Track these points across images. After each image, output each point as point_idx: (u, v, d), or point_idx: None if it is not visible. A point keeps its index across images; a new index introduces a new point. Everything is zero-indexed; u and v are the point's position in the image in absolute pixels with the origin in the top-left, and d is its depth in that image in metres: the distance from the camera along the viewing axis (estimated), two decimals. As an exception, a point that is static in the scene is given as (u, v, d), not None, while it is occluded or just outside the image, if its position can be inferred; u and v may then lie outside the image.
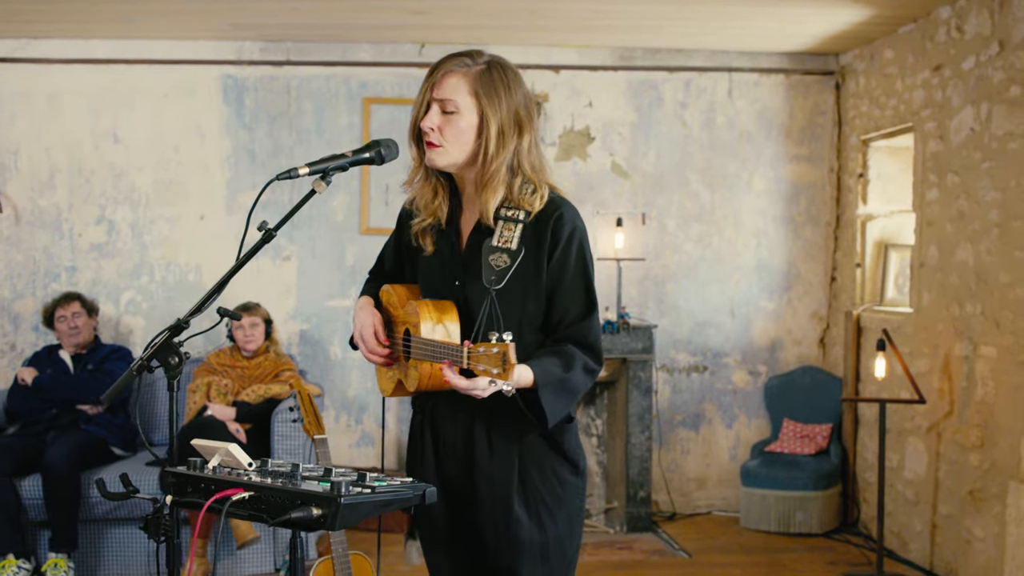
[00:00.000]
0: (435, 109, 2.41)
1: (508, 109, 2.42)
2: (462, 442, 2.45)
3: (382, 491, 2.00)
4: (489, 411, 2.39)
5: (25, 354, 6.00)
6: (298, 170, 2.30)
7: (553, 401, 2.31)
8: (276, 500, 1.97)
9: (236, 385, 5.44)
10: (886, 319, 5.83)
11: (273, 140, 6.24)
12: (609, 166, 6.43)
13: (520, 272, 2.39)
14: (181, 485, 2.15)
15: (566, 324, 2.42)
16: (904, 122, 5.71)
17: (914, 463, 5.51)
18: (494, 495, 2.41)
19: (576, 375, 2.36)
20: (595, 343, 2.43)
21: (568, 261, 2.41)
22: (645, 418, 6.05)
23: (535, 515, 2.42)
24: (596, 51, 6.38)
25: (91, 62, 6.11)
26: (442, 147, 2.41)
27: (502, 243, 2.40)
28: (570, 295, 2.42)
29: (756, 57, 6.47)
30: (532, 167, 2.46)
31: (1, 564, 4.93)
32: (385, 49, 6.27)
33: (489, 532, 2.42)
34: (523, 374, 2.25)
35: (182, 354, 2.28)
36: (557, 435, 2.46)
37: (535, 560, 2.42)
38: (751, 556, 5.62)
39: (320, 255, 6.29)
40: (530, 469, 2.43)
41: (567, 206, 2.47)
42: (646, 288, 6.46)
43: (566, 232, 2.41)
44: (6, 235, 6.12)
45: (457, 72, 2.40)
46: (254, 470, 2.14)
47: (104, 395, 2.31)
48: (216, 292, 2.30)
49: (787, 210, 6.54)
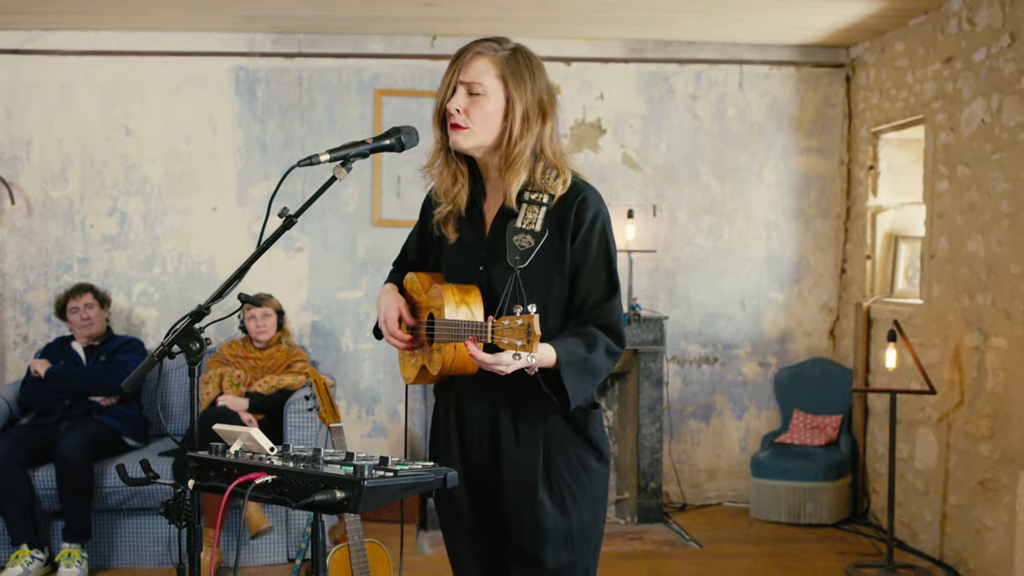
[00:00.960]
0: (461, 91, 2.42)
1: (533, 94, 2.44)
2: (488, 428, 2.46)
3: (404, 475, 2.01)
4: (514, 397, 2.41)
5: (38, 345, 6.03)
6: (319, 156, 2.32)
7: (575, 381, 2.31)
8: (299, 484, 1.99)
9: (248, 376, 5.46)
10: (896, 310, 5.83)
11: (285, 132, 6.26)
12: (620, 158, 6.44)
13: (544, 253, 2.40)
14: (204, 470, 2.16)
15: (588, 307, 2.42)
16: (915, 114, 5.71)
17: (924, 454, 5.52)
18: (519, 481, 2.42)
19: (598, 356, 2.36)
20: (616, 325, 2.43)
21: (591, 244, 2.42)
22: (656, 409, 6.06)
23: (559, 501, 2.43)
24: (607, 43, 6.39)
25: (103, 54, 6.13)
26: (468, 129, 2.42)
27: (526, 225, 2.41)
28: (592, 278, 2.43)
29: (767, 49, 6.47)
30: (554, 153, 2.48)
31: (15, 554, 4.97)
32: (397, 41, 6.28)
33: (513, 518, 2.43)
34: (546, 353, 2.26)
35: (203, 340, 2.29)
36: (582, 421, 2.47)
37: (559, 546, 2.42)
38: (761, 547, 5.63)
39: (332, 247, 6.30)
40: (555, 455, 2.44)
41: (591, 190, 2.49)
42: (657, 280, 6.48)
43: (590, 215, 2.43)
44: (19, 226, 6.15)
45: (484, 55, 2.43)
46: (276, 454, 2.15)
47: (125, 382, 2.33)
48: (237, 278, 2.32)
49: (797, 202, 6.55)
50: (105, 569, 5.17)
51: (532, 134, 2.44)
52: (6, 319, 6.17)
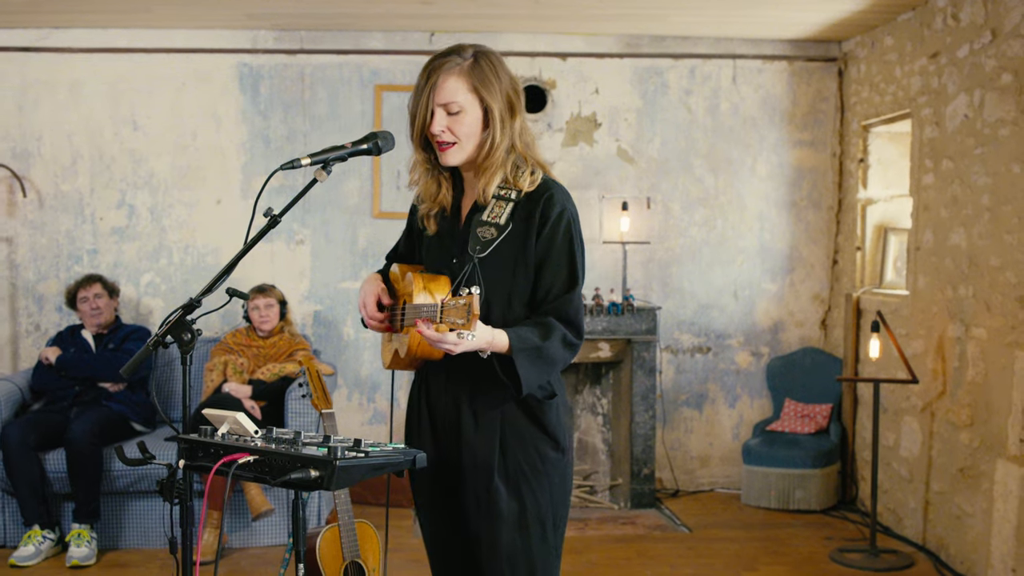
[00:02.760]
0: (440, 113, 2.52)
1: (502, 94, 2.55)
2: (452, 413, 2.58)
3: (375, 455, 2.17)
4: (474, 385, 2.54)
5: (49, 334, 6.22)
6: (300, 160, 2.45)
7: (528, 367, 2.42)
8: (278, 463, 2.15)
9: (252, 364, 5.63)
10: (884, 301, 5.97)
11: (288, 126, 6.41)
12: (615, 151, 6.58)
13: (507, 246, 2.51)
14: (193, 450, 2.33)
15: (549, 299, 2.53)
16: (902, 108, 5.84)
17: (909, 442, 5.66)
18: (476, 465, 2.54)
19: (553, 345, 2.46)
20: (575, 317, 2.52)
21: (555, 239, 2.52)
22: (649, 397, 6.21)
23: (514, 486, 2.54)
24: (602, 39, 6.52)
25: (111, 51, 6.30)
26: (457, 144, 2.54)
27: (491, 218, 2.53)
28: (554, 271, 2.53)
29: (760, 44, 6.60)
30: (525, 145, 2.60)
31: (27, 534, 5.16)
32: (396, 37, 6.43)
33: (471, 500, 2.55)
34: (499, 339, 2.38)
35: (194, 331, 2.44)
36: (538, 410, 2.57)
37: (512, 529, 2.53)
38: (749, 531, 5.78)
39: (333, 239, 6.47)
40: (511, 442, 2.55)
41: (558, 188, 2.58)
42: (651, 271, 6.62)
43: (555, 212, 2.53)
44: (30, 219, 6.33)
45: (452, 72, 2.51)
46: (260, 437, 2.31)
47: (123, 369, 2.49)
48: (225, 273, 2.46)
49: (790, 194, 6.68)
50: (114, 549, 5.36)
51: (507, 133, 2.56)
52: (19, 308, 6.35)
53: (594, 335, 6.17)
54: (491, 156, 2.54)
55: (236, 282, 6.24)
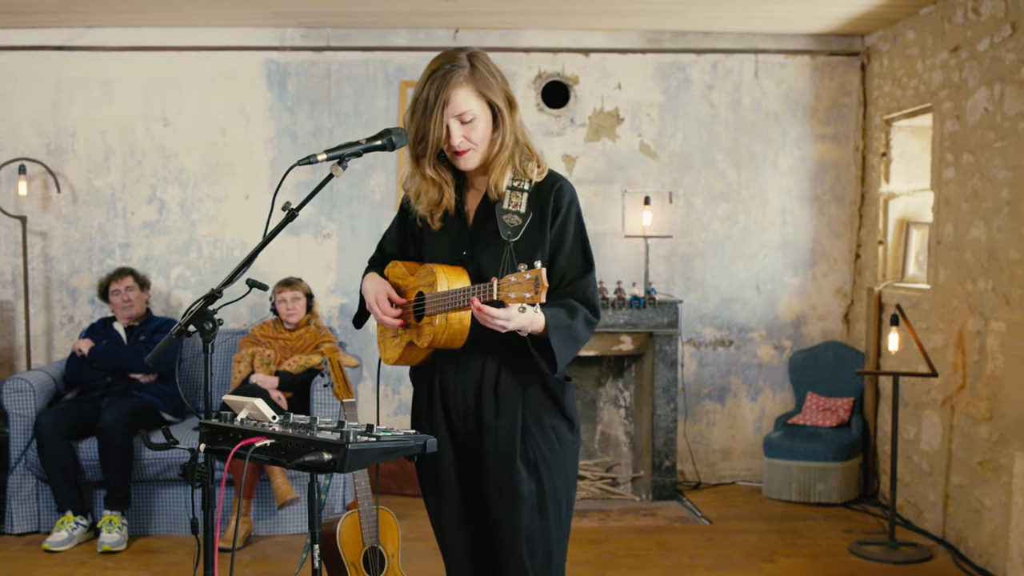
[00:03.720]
0: (455, 124, 2.59)
1: (501, 91, 2.65)
2: (472, 401, 2.67)
3: (386, 440, 2.25)
4: (496, 370, 2.64)
5: (82, 326, 6.36)
6: (317, 156, 2.53)
7: (561, 345, 2.54)
8: (293, 447, 2.24)
9: (279, 356, 5.74)
10: (906, 295, 5.99)
11: (314, 122, 6.52)
12: (637, 146, 6.63)
13: (528, 232, 2.63)
14: (213, 435, 2.42)
15: (566, 283, 2.66)
16: (924, 102, 5.85)
17: (929, 435, 5.68)
18: (498, 452, 2.63)
19: (579, 324, 2.60)
20: (592, 297, 2.66)
21: (568, 227, 2.67)
22: (671, 390, 6.27)
23: (534, 469, 2.63)
24: (625, 35, 6.57)
25: (143, 49, 6.43)
26: (473, 149, 2.63)
27: (512, 207, 2.64)
28: (569, 257, 2.67)
29: (782, 39, 6.62)
30: (524, 135, 2.72)
31: (61, 520, 5.29)
32: (420, 34, 6.51)
33: (492, 485, 2.64)
34: (538, 319, 2.49)
35: (216, 320, 2.54)
36: (558, 392, 2.69)
37: (532, 511, 2.63)
38: (769, 523, 5.83)
39: (359, 232, 6.56)
40: (531, 426, 2.65)
41: (565, 180, 2.73)
42: (673, 265, 6.67)
43: (566, 201, 2.68)
44: (64, 214, 6.47)
45: (459, 84, 2.57)
46: (277, 422, 2.40)
47: (148, 356, 2.59)
48: (245, 265, 2.54)
49: (812, 188, 6.71)
50: (144, 535, 5.49)
51: (512, 128, 2.66)
52: (53, 301, 6.49)
53: (616, 328, 6.24)
54: (502, 152, 2.64)
55: (265, 275, 6.36)
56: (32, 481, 5.45)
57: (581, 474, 6.47)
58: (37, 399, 5.46)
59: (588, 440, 6.74)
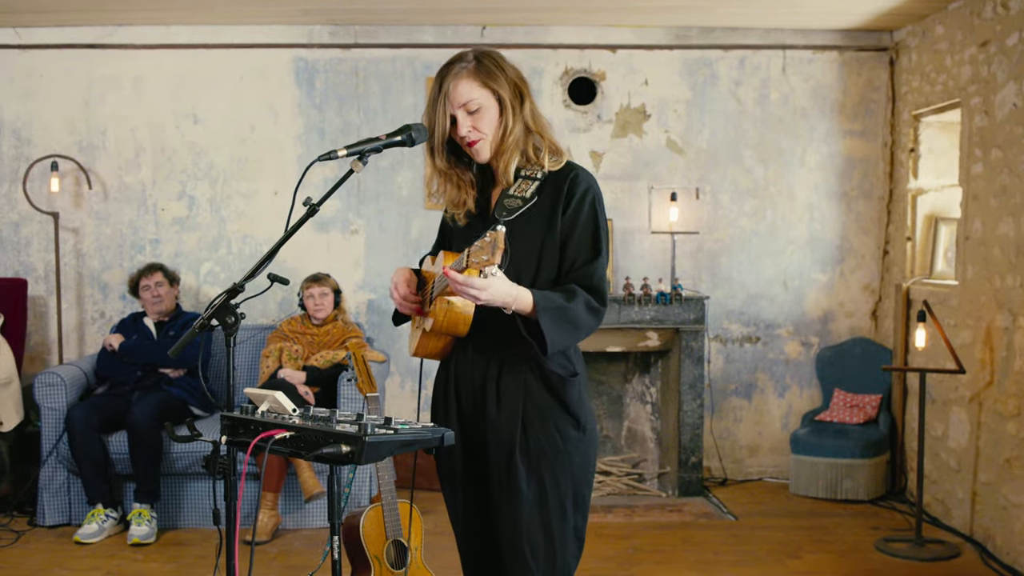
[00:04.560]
0: (461, 115, 2.65)
1: (508, 83, 2.68)
2: (478, 392, 2.67)
3: (404, 433, 2.28)
4: (500, 362, 2.64)
5: (113, 321, 6.44)
6: (337, 152, 2.56)
7: (552, 327, 2.50)
8: (312, 439, 2.27)
9: (306, 351, 5.78)
10: (934, 291, 5.95)
11: (342, 119, 6.56)
12: (664, 142, 6.63)
13: (533, 219, 2.63)
14: (234, 427, 2.46)
15: (574, 269, 2.63)
16: (952, 97, 5.81)
17: (957, 432, 5.65)
18: (498, 443, 2.62)
19: (577, 308, 2.55)
20: (598, 285, 2.62)
21: (580, 215, 2.64)
22: (697, 386, 6.27)
23: (535, 465, 2.61)
24: (651, 31, 6.57)
25: (173, 47, 6.49)
26: (484, 139, 2.67)
27: (518, 192, 2.66)
28: (578, 244, 2.64)
29: (810, 35, 6.60)
30: (540, 127, 2.72)
31: (91, 512, 5.36)
32: (447, 31, 6.54)
33: (494, 479, 2.64)
34: (523, 295, 2.47)
35: (238, 314, 2.57)
36: (560, 387, 2.64)
37: (533, 507, 2.61)
38: (795, 520, 5.81)
39: (386, 229, 6.60)
40: (533, 420, 2.62)
41: (583, 170, 2.71)
42: (700, 261, 6.66)
43: (580, 189, 2.66)
44: (95, 210, 6.55)
45: (461, 76, 2.65)
46: (297, 415, 2.44)
47: (171, 350, 2.62)
48: (267, 260, 2.58)
49: (840, 185, 6.68)
50: (173, 528, 5.56)
51: (519, 118, 2.68)
52: (85, 296, 6.58)
53: (642, 324, 6.24)
54: (505, 140, 2.66)
55: (293, 271, 6.42)
56: (63, 474, 5.52)
57: (607, 469, 6.48)
58: (68, 393, 5.54)
59: (615, 436, 6.75)
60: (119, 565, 4.97)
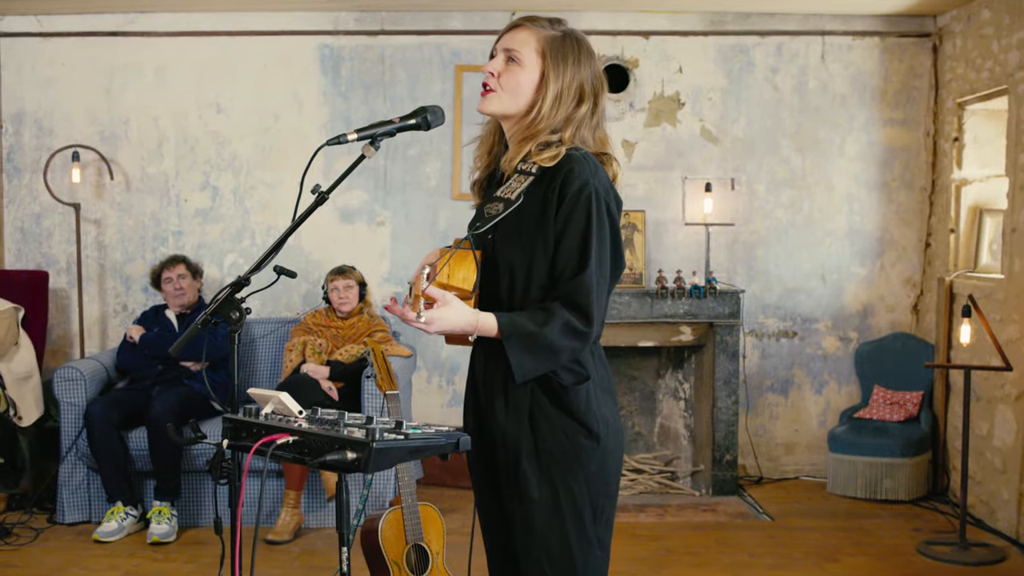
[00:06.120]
0: (501, 57, 2.48)
1: (572, 78, 2.45)
2: (491, 393, 2.49)
3: (415, 438, 2.12)
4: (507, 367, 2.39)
5: (136, 314, 6.33)
6: (347, 136, 2.41)
7: (520, 354, 2.30)
8: (317, 445, 2.11)
9: (330, 345, 5.65)
10: (978, 285, 5.73)
11: (368, 108, 6.41)
12: (699, 131, 6.44)
13: (518, 223, 2.40)
14: (237, 430, 2.31)
15: (562, 282, 2.38)
16: (999, 84, 5.59)
17: (1003, 431, 5.44)
18: (506, 446, 2.44)
19: (552, 332, 2.31)
20: (583, 302, 2.34)
21: (572, 216, 2.36)
22: (732, 382, 6.08)
23: (545, 471, 2.42)
24: (686, 16, 6.38)
25: (196, 34, 6.37)
26: (495, 92, 2.47)
27: (504, 193, 2.43)
28: (567, 251, 2.37)
29: (850, 20, 6.38)
30: (582, 140, 2.48)
31: (111, 510, 5.27)
32: (476, 17, 6.38)
33: (504, 483, 2.46)
34: (485, 322, 2.30)
35: (243, 309, 2.43)
36: (563, 396, 2.42)
37: (546, 514, 2.42)
38: (834, 521, 5.62)
39: (413, 220, 6.46)
40: (541, 426, 2.42)
41: (582, 163, 2.40)
42: (735, 253, 6.47)
43: (573, 188, 2.36)
44: (118, 201, 6.45)
45: (529, 28, 2.47)
46: (304, 417, 2.29)
47: (172, 348, 2.49)
48: (273, 252, 2.45)
49: (880, 175, 6.46)
50: (194, 527, 5.45)
51: (561, 115, 2.45)
52: (107, 289, 6.48)
53: (676, 319, 6.07)
54: (532, 126, 2.45)
55: (318, 263, 6.30)
56: (83, 470, 5.43)
57: (638, 467, 6.31)
58: (88, 388, 5.44)
59: (647, 433, 6.58)
60: (137, 565, 4.86)
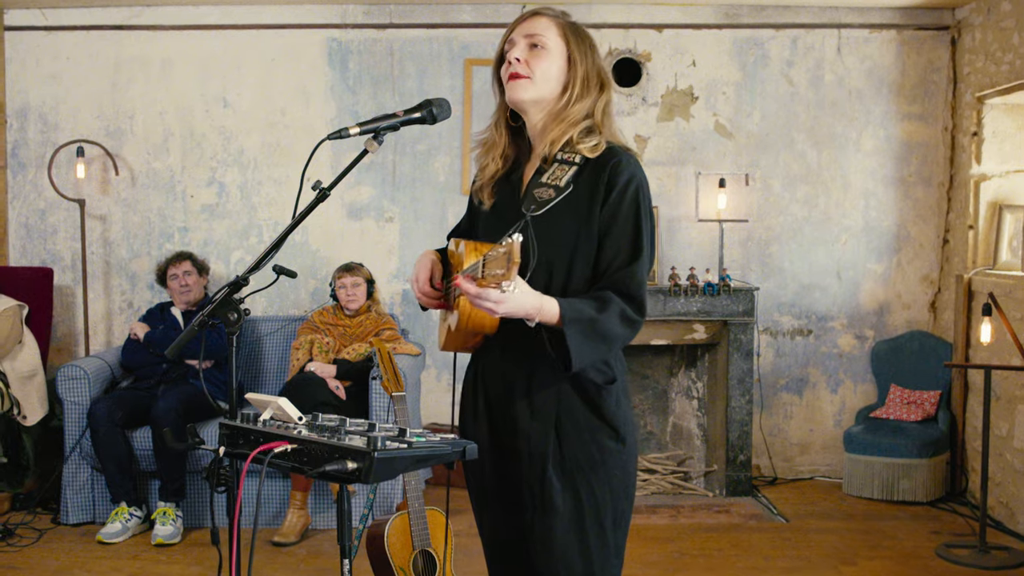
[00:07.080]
0: (522, 43, 2.40)
1: (593, 63, 2.44)
2: (507, 397, 2.41)
3: (419, 447, 2.03)
4: (531, 365, 2.36)
5: (142, 311, 6.25)
6: (349, 130, 2.32)
7: (580, 341, 2.20)
8: (317, 453, 2.02)
9: (338, 343, 5.57)
10: (998, 283, 5.62)
11: (377, 102, 6.32)
12: (712, 126, 6.33)
13: (567, 210, 2.34)
14: (234, 437, 2.22)
15: (611, 272, 2.33)
16: (1020, 78, 5.47)
17: (1023, 432, 5.32)
18: (530, 453, 2.36)
19: (610, 319, 2.24)
20: (636, 292, 2.30)
21: (620, 207, 2.33)
22: (746, 381, 5.98)
23: (570, 478, 2.35)
24: (700, 9, 6.27)
25: (202, 28, 6.28)
26: (529, 79, 2.39)
27: (551, 180, 2.36)
28: (617, 242, 2.33)
29: (867, 13, 6.26)
30: (607, 125, 2.45)
31: (115, 511, 5.19)
32: (486, 10, 6.27)
33: (526, 490, 2.38)
34: (548, 305, 2.18)
35: (241, 310, 2.35)
36: (596, 397, 2.37)
37: (568, 524, 2.35)
38: (850, 523, 5.52)
39: (422, 216, 6.36)
40: (568, 430, 2.36)
41: (627, 156, 2.39)
42: (749, 250, 6.36)
43: (623, 179, 2.34)
44: (123, 197, 6.37)
45: (547, 15, 2.43)
46: (303, 424, 2.20)
47: (168, 350, 2.40)
48: (273, 251, 2.36)
49: (897, 170, 6.35)
50: (199, 528, 5.37)
51: (590, 98, 2.42)
52: (112, 286, 6.41)
53: (689, 316, 5.96)
54: (569, 108, 2.40)
55: (326, 260, 6.22)
56: (87, 471, 5.35)
57: (651, 467, 6.21)
58: (92, 387, 5.36)
59: (659, 432, 6.48)
60: (141, 567, 4.78)
